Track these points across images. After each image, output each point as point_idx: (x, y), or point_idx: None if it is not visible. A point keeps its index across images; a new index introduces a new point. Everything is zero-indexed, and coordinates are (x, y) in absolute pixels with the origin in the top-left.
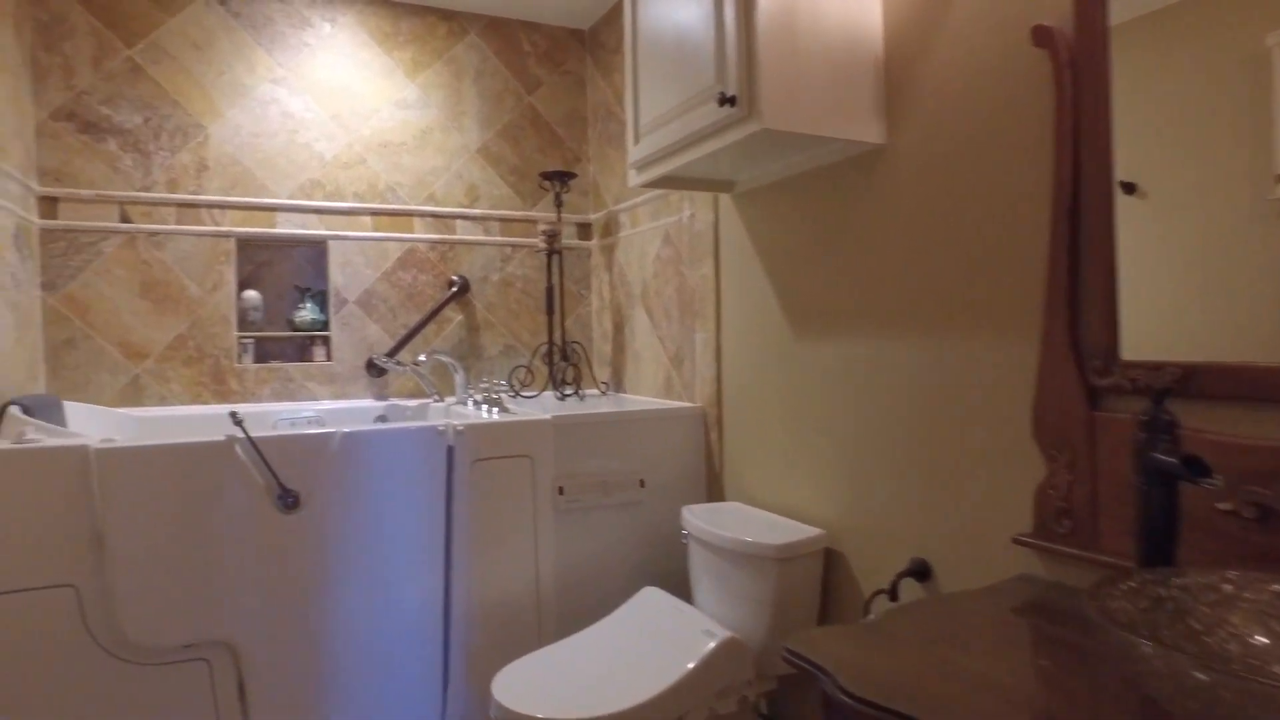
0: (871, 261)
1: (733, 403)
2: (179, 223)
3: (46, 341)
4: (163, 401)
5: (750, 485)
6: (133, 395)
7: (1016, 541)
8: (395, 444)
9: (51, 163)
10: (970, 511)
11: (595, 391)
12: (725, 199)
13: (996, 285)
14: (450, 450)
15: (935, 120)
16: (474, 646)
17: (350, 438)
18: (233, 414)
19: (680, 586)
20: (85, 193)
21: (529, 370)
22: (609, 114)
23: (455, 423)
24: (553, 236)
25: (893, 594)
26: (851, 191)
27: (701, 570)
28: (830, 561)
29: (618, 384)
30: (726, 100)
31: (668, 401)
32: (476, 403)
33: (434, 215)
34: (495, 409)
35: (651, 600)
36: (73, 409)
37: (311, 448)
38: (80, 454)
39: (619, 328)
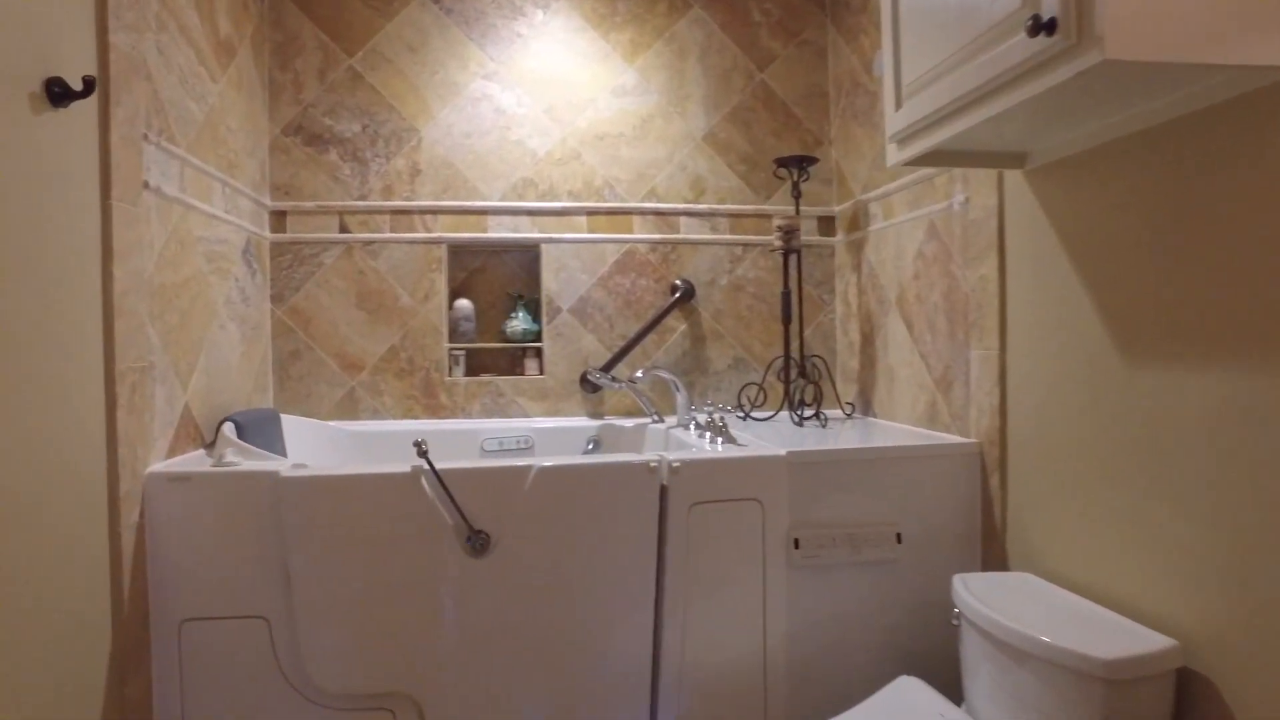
0: (1276, 252)
1: (1022, 441)
2: (393, 230)
3: (276, 353)
4: (375, 415)
5: (1047, 553)
6: (348, 408)
7: None
8: (600, 481)
9: (282, 177)
10: None
11: (839, 413)
12: (1014, 177)
13: None
14: (664, 490)
15: None
16: (686, 717)
17: (548, 473)
18: (417, 443)
19: (947, 680)
20: (308, 204)
21: (761, 388)
22: (855, 86)
23: (670, 457)
24: (790, 233)
25: None
26: (1241, 145)
27: (979, 667)
28: (1188, 689)
29: (865, 406)
30: (1042, 27)
31: (932, 434)
32: (699, 426)
33: (655, 213)
34: (720, 438)
35: (910, 696)
36: (290, 423)
37: (504, 483)
38: (270, 480)
39: (868, 339)
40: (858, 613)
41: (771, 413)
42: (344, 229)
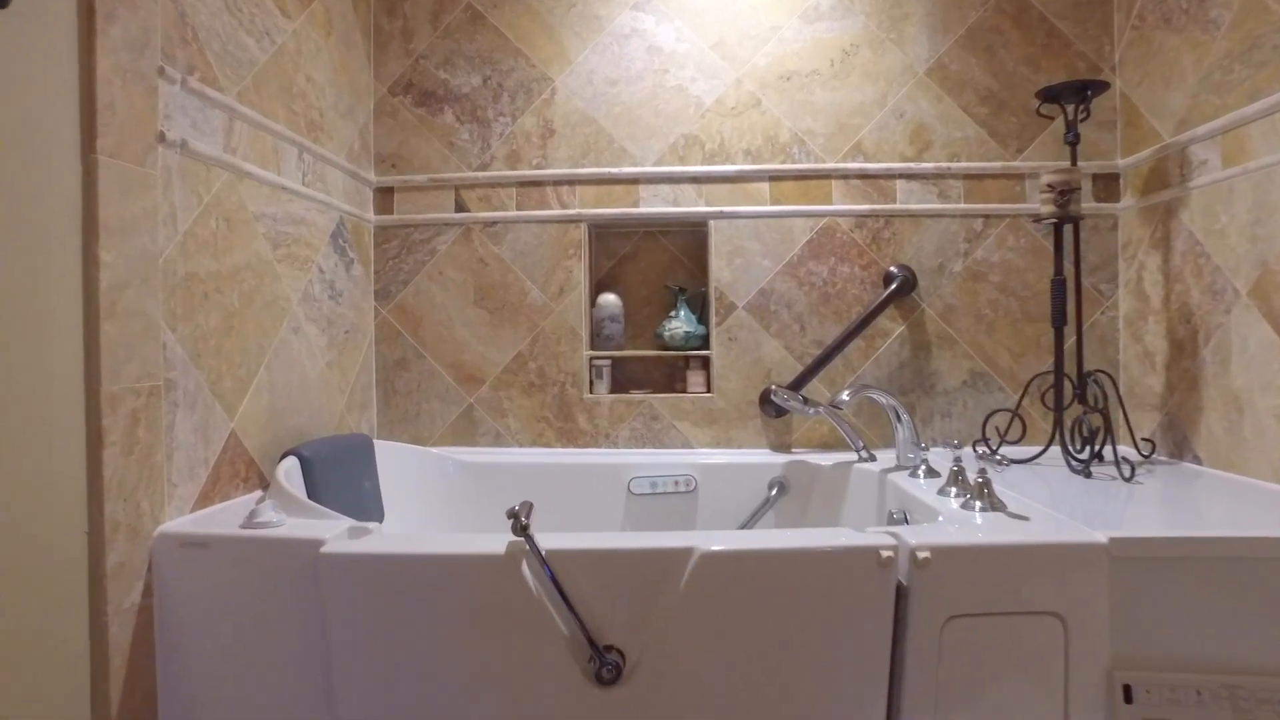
0: None
1: None
2: (520, 207)
3: (379, 362)
4: (497, 440)
5: None
6: (465, 431)
7: None
8: (798, 575)
9: (388, 145)
10: None
11: (1130, 457)
12: None
13: None
14: (901, 592)
15: None
16: None
17: (717, 561)
18: (514, 514)
19: None
20: (419, 178)
21: (1018, 417)
22: None
23: (911, 540)
24: (1067, 192)
25: None
26: None
27: None
28: None
29: (1176, 446)
30: None
31: None
32: (930, 471)
33: (862, 176)
34: (980, 502)
35: None
36: (388, 453)
37: (649, 573)
38: (311, 552)
39: (1184, 348)
40: None
41: (1035, 451)
42: (461, 207)
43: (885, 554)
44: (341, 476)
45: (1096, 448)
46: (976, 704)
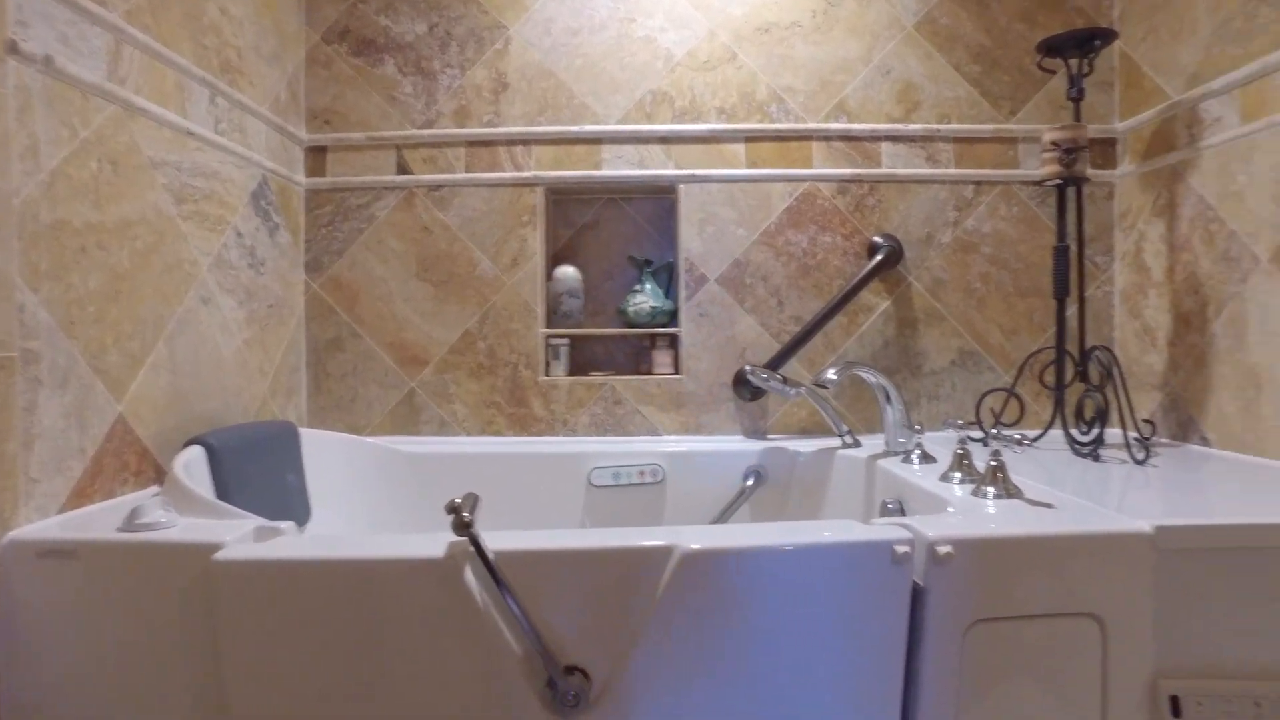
0: None
1: None
2: (469, 169)
3: (310, 342)
4: (443, 428)
5: None
6: (407, 417)
7: None
8: (795, 576)
9: (322, 99)
10: None
11: (1125, 436)
12: None
13: None
14: (918, 594)
15: None
16: None
17: (703, 561)
18: (454, 509)
19: None
20: (356, 136)
21: (1015, 397)
22: None
23: (929, 534)
24: (1073, 150)
25: None
26: None
27: None
28: None
29: (1181, 428)
30: None
31: None
32: (925, 456)
33: (845, 137)
34: (992, 488)
35: None
36: (317, 441)
37: (618, 578)
38: (203, 561)
39: (1190, 322)
40: None
41: (1035, 434)
42: (403, 169)
43: (900, 549)
44: (259, 470)
45: (1100, 430)
46: (1001, 718)
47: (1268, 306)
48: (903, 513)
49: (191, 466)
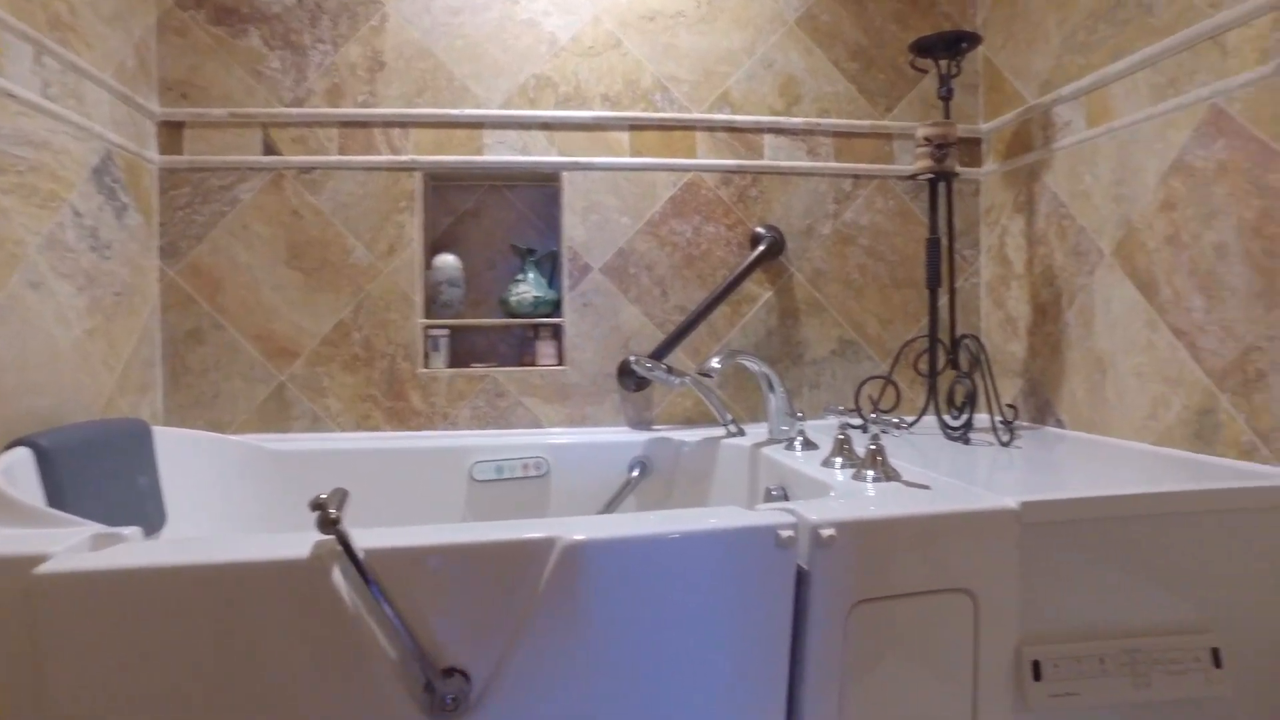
0: None
1: None
2: (343, 151)
3: (166, 333)
4: (315, 424)
5: None
6: (276, 414)
7: None
8: (680, 563)
9: (177, 70)
10: None
11: (992, 420)
12: None
13: None
14: (802, 577)
15: None
16: None
17: (582, 553)
18: (319, 505)
19: None
20: (217, 112)
21: (892, 384)
22: None
23: (812, 517)
24: (944, 146)
25: None
26: None
27: None
28: None
29: (1040, 411)
30: None
31: (1219, 462)
32: (807, 443)
33: (729, 128)
34: (871, 471)
35: None
36: (174, 441)
37: (499, 575)
38: (23, 576)
39: (1047, 312)
40: None
41: (910, 420)
42: (270, 149)
43: (785, 533)
44: (103, 473)
45: (969, 416)
46: (881, 694)
47: (1110, 298)
48: (786, 498)
49: (15, 470)
